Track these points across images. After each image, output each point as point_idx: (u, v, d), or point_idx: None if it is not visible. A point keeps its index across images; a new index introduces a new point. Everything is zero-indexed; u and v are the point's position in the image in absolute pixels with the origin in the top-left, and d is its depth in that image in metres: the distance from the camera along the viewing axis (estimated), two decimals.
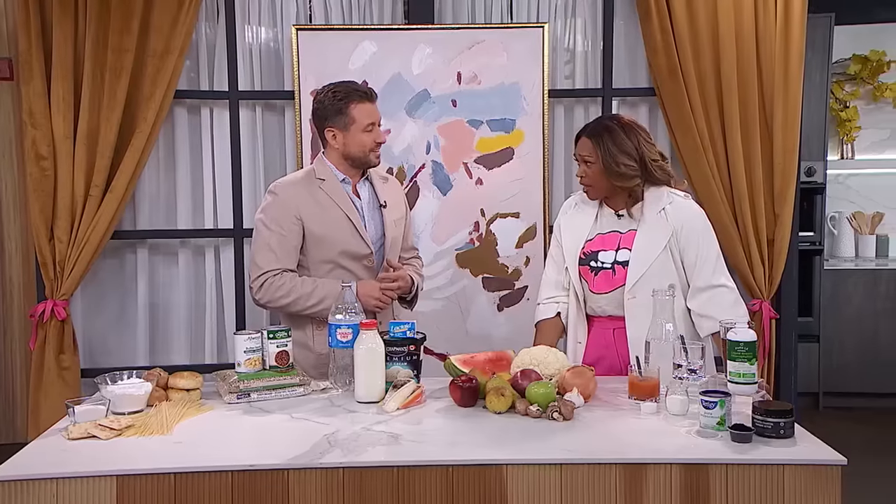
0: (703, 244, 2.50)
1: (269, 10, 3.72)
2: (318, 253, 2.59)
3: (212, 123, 3.72)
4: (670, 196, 2.53)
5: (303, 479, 1.80)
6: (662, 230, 2.49)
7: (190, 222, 3.75)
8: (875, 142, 5.82)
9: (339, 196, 2.62)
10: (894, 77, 5.69)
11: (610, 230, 2.57)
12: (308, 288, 2.53)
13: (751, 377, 2.05)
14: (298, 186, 2.61)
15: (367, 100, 2.58)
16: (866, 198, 5.86)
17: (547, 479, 1.79)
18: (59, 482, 1.76)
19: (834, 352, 5.21)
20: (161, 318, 3.77)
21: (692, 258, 2.49)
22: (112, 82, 3.41)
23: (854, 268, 5.48)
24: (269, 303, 2.57)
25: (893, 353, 5.29)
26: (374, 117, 2.59)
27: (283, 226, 2.55)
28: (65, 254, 3.45)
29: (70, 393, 3.49)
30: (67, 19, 3.39)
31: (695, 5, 3.50)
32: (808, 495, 1.76)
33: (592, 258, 2.56)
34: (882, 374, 5.27)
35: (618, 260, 2.52)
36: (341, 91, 2.58)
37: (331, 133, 2.59)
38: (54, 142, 3.42)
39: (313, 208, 2.57)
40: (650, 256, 2.48)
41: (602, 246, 2.56)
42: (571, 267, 2.60)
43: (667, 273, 2.47)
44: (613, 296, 2.52)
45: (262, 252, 2.56)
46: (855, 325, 5.31)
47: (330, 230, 2.58)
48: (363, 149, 2.59)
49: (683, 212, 2.51)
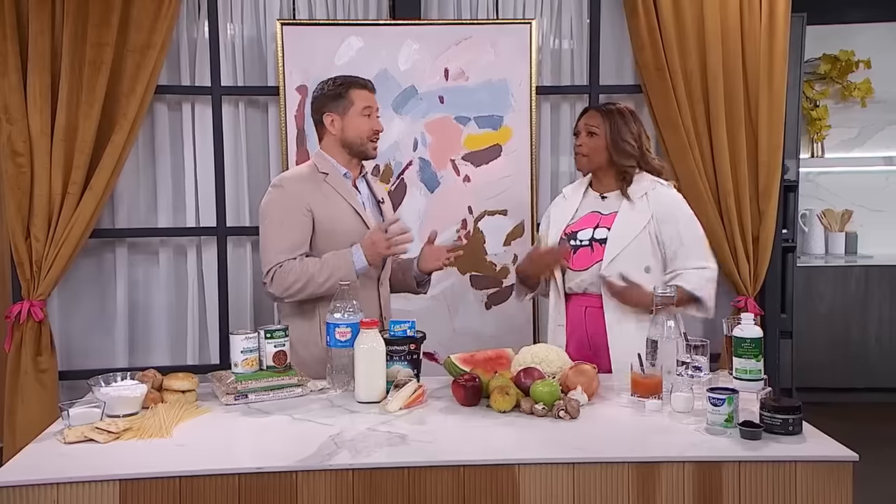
0: (682, 228, 2.60)
1: (252, 4, 3.65)
2: (327, 245, 2.56)
3: (193, 119, 3.64)
4: (654, 183, 2.65)
5: (311, 481, 1.77)
6: (642, 213, 2.60)
7: (171, 220, 3.67)
8: (844, 140, 5.93)
9: (344, 189, 2.62)
10: (862, 77, 5.80)
11: (591, 211, 2.70)
12: (316, 266, 2.49)
13: (757, 373, 2.06)
14: (305, 180, 2.61)
15: (365, 88, 2.64)
16: (836, 195, 5.96)
17: (559, 478, 1.78)
18: (61, 487, 1.71)
19: (806, 348, 5.28)
20: (141, 319, 3.69)
21: (670, 242, 2.59)
22: (91, 77, 3.32)
23: (825, 265, 5.58)
24: (283, 294, 2.52)
25: (863, 348, 5.40)
26: (371, 102, 2.63)
27: (294, 218, 2.53)
28: (42, 253, 3.36)
29: (48, 396, 3.41)
30: (44, 12, 3.30)
31: (681, 2, 3.52)
32: (820, 492, 1.77)
33: (572, 237, 2.68)
34: (853, 369, 5.37)
35: (595, 237, 2.62)
36: (341, 79, 2.65)
37: (329, 118, 2.61)
38: (31, 138, 3.32)
39: (321, 201, 2.57)
40: (628, 235, 2.58)
41: (581, 226, 2.68)
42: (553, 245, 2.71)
43: (643, 254, 2.58)
44: (591, 272, 2.61)
45: (273, 246, 2.54)
46: (826, 321, 5.40)
47: (338, 222, 2.57)
48: (360, 134, 2.60)
49: (663, 198, 2.63)
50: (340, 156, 2.64)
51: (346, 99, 2.59)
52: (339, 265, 2.48)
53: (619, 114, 2.65)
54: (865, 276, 5.43)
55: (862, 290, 5.42)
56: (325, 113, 2.61)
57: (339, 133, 2.61)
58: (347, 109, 2.59)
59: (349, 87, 2.61)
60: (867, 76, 5.79)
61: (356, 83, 2.63)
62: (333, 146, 2.64)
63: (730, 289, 3.69)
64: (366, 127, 2.61)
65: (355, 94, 2.60)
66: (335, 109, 2.60)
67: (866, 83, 5.78)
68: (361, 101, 2.60)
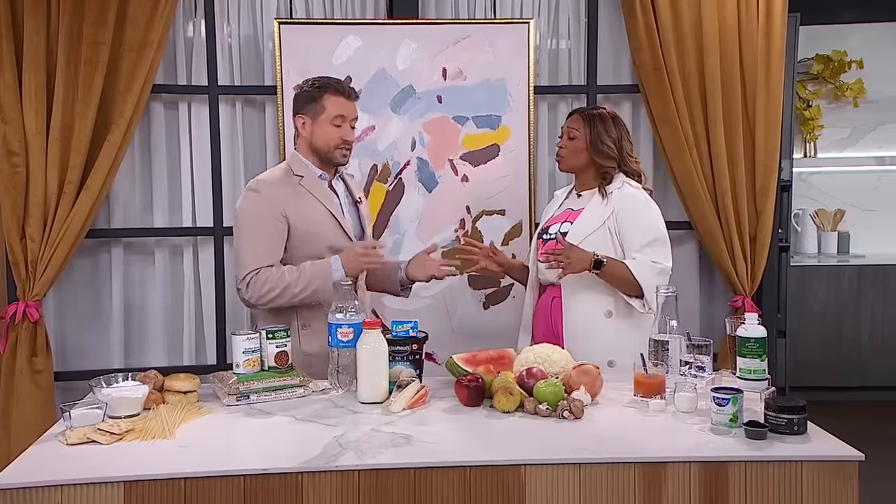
0: (641, 224, 2.70)
1: (249, 2, 3.63)
2: (304, 249, 2.55)
3: (190, 119, 3.62)
4: (623, 182, 2.77)
5: (317, 483, 1.76)
6: (604, 209, 2.73)
7: (167, 220, 3.65)
8: (836, 140, 5.96)
9: (320, 191, 2.60)
10: (855, 77, 5.83)
11: (567, 208, 2.86)
12: (294, 275, 2.48)
13: (761, 373, 2.06)
14: (280, 184, 2.58)
15: (342, 94, 2.58)
16: (828, 195, 5.99)
17: (566, 478, 1.78)
18: (65, 489, 1.70)
19: (799, 347, 5.30)
20: (137, 320, 3.66)
21: (628, 237, 2.69)
22: (87, 76, 3.30)
23: (818, 264, 5.60)
24: (258, 301, 2.51)
25: (856, 347, 5.42)
26: (344, 111, 2.57)
27: (269, 223, 2.51)
28: (37, 253, 3.33)
29: (43, 397, 3.38)
30: (39, 10, 3.26)
31: (679, 3, 3.52)
32: (826, 492, 1.78)
33: (545, 232, 2.85)
34: (846, 368, 5.40)
35: (561, 231, 2.75)
36: (320, 81, 2.61)
37: (301, 120, 2.59)
38: (26, 137, 3.28)
39: (297, 205, 2.54)
40: (587, 229, 2.71)
41: (554, 221, 2.85)
42: (533, 242, 2.93)
43: (600, 247, 2.67)
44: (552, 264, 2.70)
45: (247, 251, 2.52)
46: (819, 320, 5.43)
47: (314, 226, 2.55)
48: (327, 142, 2.57)
49: (626, 196, 2.74)
50: (311, 157, 2.62)
51: (318, 104, 2.56)
52: (317, 274, 2.47)
53: (600, 118, 2.78)
54: (858, 275, 5.46)
55: (855, 290, 5.45)
56: (298, 114, 2.59)
57: (308, 136, 2.59)
58: (318, 115, 2.56)
59: (324, 92, 2.56)
60: (859, 76, 5.82)
61: (333, 88, 2.57)
62: (304, 149, 2.63)
63: (727, 288, 3.71)
64: (334, 136, 2.57)
65: (329, 100, 2.56)
66: (307, 112, 2.57)
67: (858, 83, 5.82)
68: (335, 108, 2.56)
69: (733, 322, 2.21)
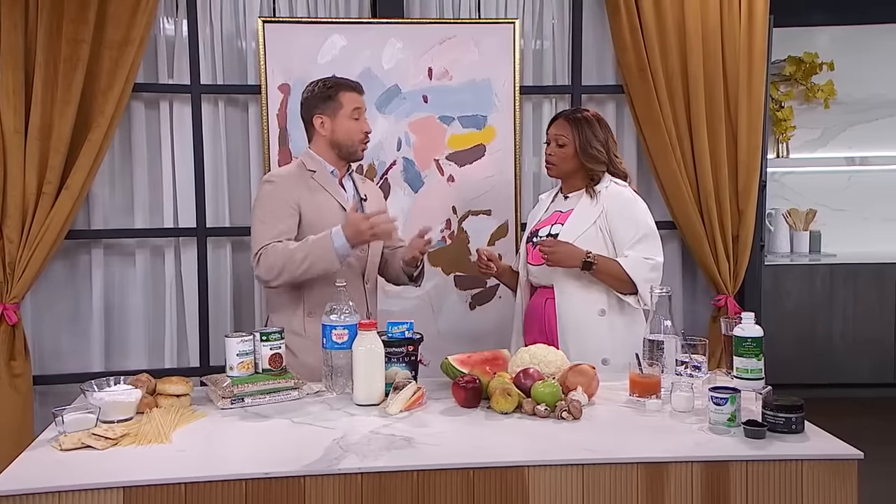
0: (631, 221, 2.72)
1: (232, 0, 3.58)
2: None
3: (171, 118, 3.56)
4: (609, 181, 2.78)
5: (320, 486, 1.75)
6: (594, 209, 2.74)
7: (147, 221, 3.59)
8: (808, 141, 6.05)
9: (331, 185, 2.68)
10: (826, 79, 5.91)
11: (554, 210, 2.85)
12: (297, 247, 2.49)
13: (758, 373, 2.08)
14: (293, 177, 2.66)
15: (354, 90, 2.69)
16: (800, 195, 6.08)
17: (569, 479, 1.78)
18: (62, 495, 1.67)
19: (774, 344, 5.35)
20: (117, 322, 3.60)
21: (619, 235, 2.71)
22: (67, 74, 3.23)
23: (791, 263, 5.68)
24: (268, 276, 2.52)
25: (829, 345, 5.50)
26: (359, 104, 2.68)
27: (282, 208, 2.57)
28: (15, 255, 3.26)
29: (22, 401, 3.31)
30: (17, 7, 3.20)
31: (662, 4, 3.54)
32: (826, 490, 1.80)
33: (535, 235, 2.83)
34: (819, 366, 5.47)
35: (551, 233, 2.76)
36: (331, 81, 2.71)
37: (319, 120, 2.66)
38: (3, 136, 3.21)
39: (308, 197, 2.61)
40: (578, 230, 2.71)
41: (543, 224, 2.84)
42: (522, 246, 2.91)
43: (596, 248, 2.68)
44: (543, 267, 2.72)
45: (260, 230, 2.57)
46: (792, 319, 5.50)
47: (324, 218, 2.58)
48: (350, 136, 2.66)
49: (614, 194, 2.75)
50: (329, 156, 2.69)
51: (335, 101, 2.65)
52: (319, 243, 2.47)
53: (587, 122, 2.77)
54: (830, 274, 5.54)
55: (827, 288, 5.53)
56: (315, 114, 2.66)
57: (328, 135, 2.66)
58: (337, 112, 2.65)
59: (339, 90, 2.66)
60: (830, 78, 5.91)
61: (346, 85, 2.68)
62: (323, 147, 2.69)
63: (710, 287, 3.74)
64: (356, 129, 2.66)
65: (345, 96, 2.65)
66: (325, 111, 2.65)
67: (829, 85, 5.91)
68: (350, 103, 2.65)
69: (729, 322, 2.23)
